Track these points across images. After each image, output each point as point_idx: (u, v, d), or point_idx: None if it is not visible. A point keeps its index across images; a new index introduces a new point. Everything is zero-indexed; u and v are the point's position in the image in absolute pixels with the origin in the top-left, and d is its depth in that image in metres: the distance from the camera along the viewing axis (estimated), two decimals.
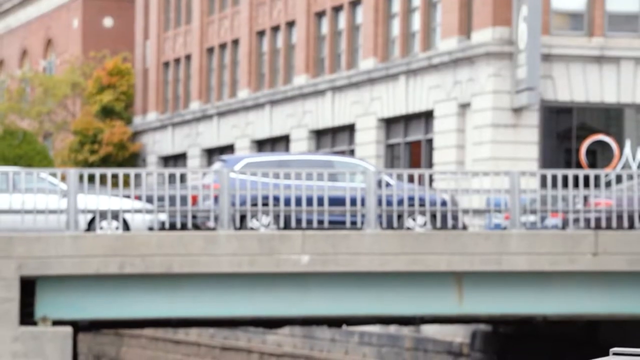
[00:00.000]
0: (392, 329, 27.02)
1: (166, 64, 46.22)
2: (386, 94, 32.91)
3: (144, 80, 47.36)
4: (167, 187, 18.04)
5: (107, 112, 46.53)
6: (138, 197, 18.23)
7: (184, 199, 18.24)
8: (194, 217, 18.40)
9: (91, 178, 18.15)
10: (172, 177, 18.51)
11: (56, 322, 17.26)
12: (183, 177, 20.35)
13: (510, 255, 18.27)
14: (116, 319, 18.19)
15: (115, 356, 37.30)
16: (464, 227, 19.74)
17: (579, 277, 18.53)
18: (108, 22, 50.37)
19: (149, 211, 18.04)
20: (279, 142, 38.50)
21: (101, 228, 17.96)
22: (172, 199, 18.06)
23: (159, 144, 45.73)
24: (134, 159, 46.14)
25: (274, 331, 29.73)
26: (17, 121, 47.12)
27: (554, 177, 19.13)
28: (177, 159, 44.65)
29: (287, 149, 37.37)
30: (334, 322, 20.21)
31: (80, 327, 18.09)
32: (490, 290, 18.34)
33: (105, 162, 44.60)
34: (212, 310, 18.02)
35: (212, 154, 42.40)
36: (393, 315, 18.73)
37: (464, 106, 29.91)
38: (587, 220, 19.18)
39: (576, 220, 19.20)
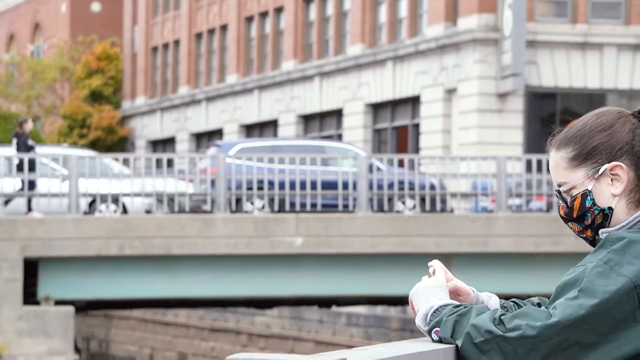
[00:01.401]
0: (380, 309, 27.61)
1: (154, 49, 46.59)
2: (373, 79, 33.45)
3: (133, 65, 47.73)
4: (166, 171, 18.59)
5: (95, 97, 46.90)
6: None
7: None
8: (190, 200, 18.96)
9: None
10: (169, 162, 19.08)
11: (58, 302, 17.81)
12: (171, 162, 20.86)
13: (496, 237, 18.88)
14: (116, 299, 18.74)
15: (105, 338, 37.68)
16: (451, 211, 20.36)
17: (563, 258, 19.14)
18: (96, 6, 50.65)
19: (147, 195, 18.60)
20: (267, 127, 39.00)
21: (100, 211, 18.50)
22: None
23: (147, 129, 46.15)
24: (123, 143, 46.55)
25: (263, 312, 30.25)
26: (6, 105, 47.44)
27: (539, 162, 19.74)
28: (166, 143, 45.08)
29: (275, 134, 37.88)
30: (326, 302, 20.81)
31: (81, 307, 18.64)
32: (477, 271, 18.94)
33: (94, 146, 44.97)
34: (208, 291, 18.58)
35: (200, 138, 42.88)
36: (383, 295, 19.34)
37: (450, 91, 30.49)
38: None
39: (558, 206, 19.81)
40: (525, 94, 29.32)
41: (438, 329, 2.38)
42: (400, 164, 20.56)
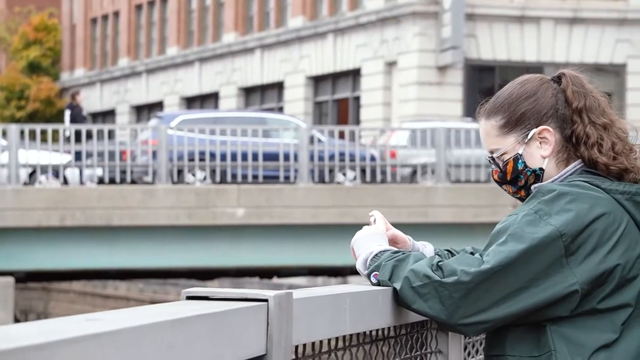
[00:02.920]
0: (320, 280, 27.85)
1: (94, 20, 46.21)
2: (314, 52, 33.56)
3: (71, 36, 47.30)
4: (107, 142, 18.57)
5: (33, 68, 46.41)
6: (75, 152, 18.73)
7: (118, 154, 18.81)
8: (131, 172, 18.98)
9: (32, 134, 18.60)
10: (109, 133, 19.07)
11: None
12: (111, 134, 20.90)
13: (436, 208, 19.16)
14: (57, 270, 18.73)
15: (43, 311, 37.50)
16: (391, 182, 20.59)
17: None
18: None
19: (88, 166, 18.58)
20: (208, 99, 38.96)
21: (40, 182, 18.44)
22: (111, 155, 18.64)
23: (87, 101, 45.79)
24: (62, 115, 46.15)
25: (204, 284, 30.35)
26: None
27: (478, 133, 20.00)
28: (106, 115, 44.82)
29: (216, 107, 37.85)
30: (268, 273, 20.98)
31: (20, 278, 18.60)
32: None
33: (32, 118, 44.56)
34: (149, 262, 18.63)
35: (140, 110, 42.69)
36: (324, 266, 19.55)
37: (391, 64, 30.71)
38: None
39: (490, 172, 20.13)
40: (465, 66, 29.63)
41: (377, 272, 2.53)
42: (341, 135, 20.73)
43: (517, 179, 2.66)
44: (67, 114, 19.31)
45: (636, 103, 29.74)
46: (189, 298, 1.95)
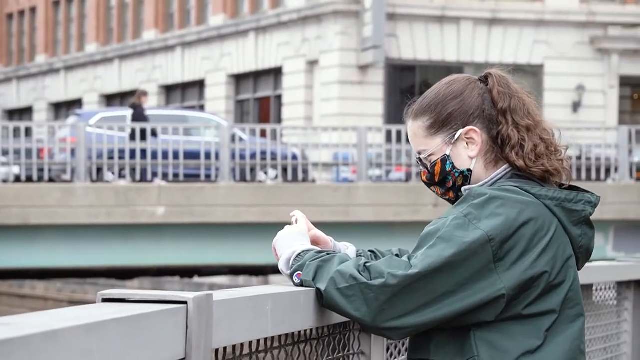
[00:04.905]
0: (242, 280, 27.76)
1: (10, 16, 45.48)
2: (236, 50, 33.45)
3: None
4: (23, 140, 18.28)
5: None
6: None
7: (36, 152, 18.54)
8: (49, 170, 18.72)
9: None
10: (26, 130, 18.79)
11: None
12: (28, 131, 20.58)
13: (357, 207, 19.22)
14: None
15: None
16: (313, 181, 20.61)
17: (421, 226, 19.50)
18: None
19: (3, 164, 18.26)
20: (129, 97, 38.57)
21: None
22: (28, 152, 18.35)
23: (3, 97, 45.08)
24: None
25: (123, 283, 30.08)
26: None
27: (399, 133, 20.14)
28: (23, 112, 44.15)
29: None
30: (188, 272, 20.84)
31: None
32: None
33: None
34: (68, 261, 18.38)
35: (59, 108, 42.14)
36: (246, 264, 19.48)
37: (312, 63, 30.74)
38: None
39: (418, 174, 20.28)
40: (386, 66, 29.78)
41: (300, 272, 2.49)
42: (263, 134, 20.68)
43: (445, 180, 2.62)
44: (129, 113, 19.47)
45: (553, 103, 30.19)
46: (105, 300, 1.89)
